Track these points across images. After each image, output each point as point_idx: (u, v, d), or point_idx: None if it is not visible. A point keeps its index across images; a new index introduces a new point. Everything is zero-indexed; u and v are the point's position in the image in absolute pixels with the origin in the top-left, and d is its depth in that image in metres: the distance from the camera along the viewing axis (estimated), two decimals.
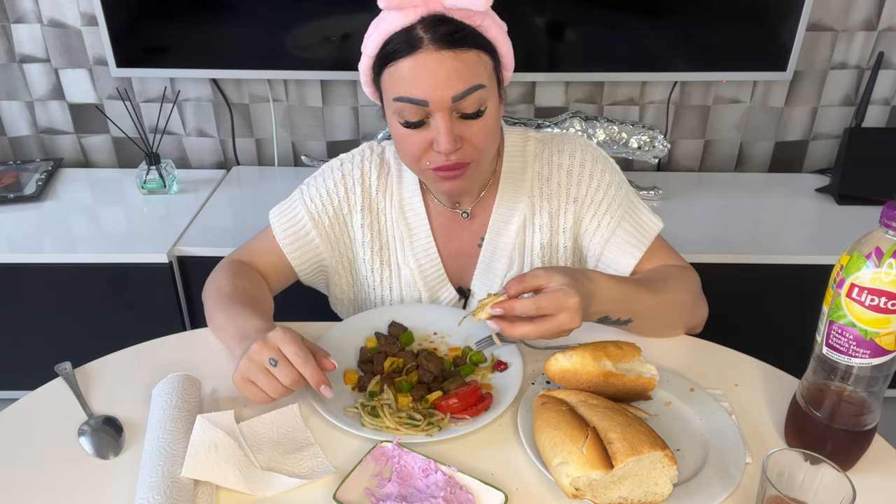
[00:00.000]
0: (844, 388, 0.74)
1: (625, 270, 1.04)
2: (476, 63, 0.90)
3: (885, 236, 0.68)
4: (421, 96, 0.88)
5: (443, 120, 0.89)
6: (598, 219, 1.05)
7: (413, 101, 0.89)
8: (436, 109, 0.89)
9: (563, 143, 1.07)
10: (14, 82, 2.01)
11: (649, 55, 1.82)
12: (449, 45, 0.87)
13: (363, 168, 1.08)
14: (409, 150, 0.94)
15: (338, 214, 1.08)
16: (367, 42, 0.93)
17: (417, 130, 0.92)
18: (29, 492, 0.75)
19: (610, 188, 1.05)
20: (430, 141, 0.92)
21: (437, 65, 0.87)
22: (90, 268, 1.64)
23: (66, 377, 0.92)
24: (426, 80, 0.88)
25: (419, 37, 0.88)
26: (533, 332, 0.82)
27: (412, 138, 0.92)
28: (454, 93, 0.88)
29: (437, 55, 0.87)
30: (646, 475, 0.70)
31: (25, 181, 1.94)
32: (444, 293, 1.10)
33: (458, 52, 0.88)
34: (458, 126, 0.91)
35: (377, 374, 0.91)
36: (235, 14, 1.77)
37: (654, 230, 1.05)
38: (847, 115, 2.02)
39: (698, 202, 1.88)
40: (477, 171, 0.97)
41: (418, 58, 0.88)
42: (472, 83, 0.89)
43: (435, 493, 0.72)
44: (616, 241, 1.04)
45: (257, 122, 2.07)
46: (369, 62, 0.94)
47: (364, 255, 1.10)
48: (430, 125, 0.91)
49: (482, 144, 0.94)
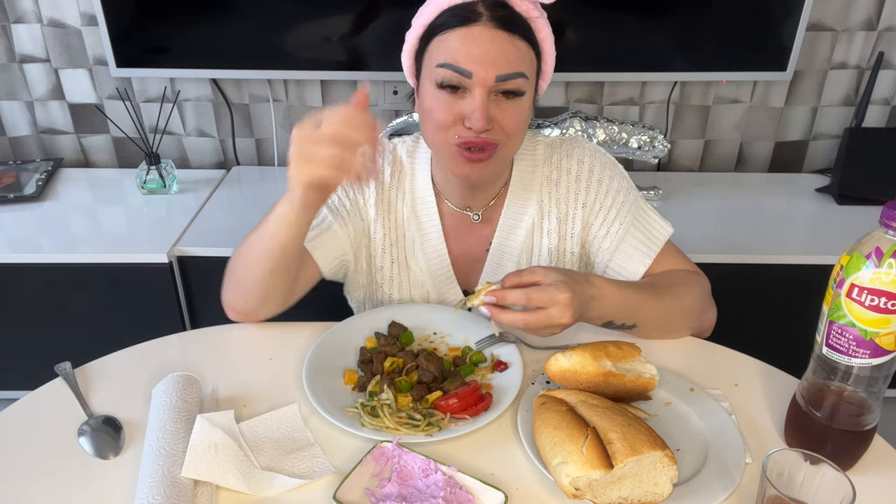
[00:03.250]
0: (844, 388, 0.74)
1: (634, 277, 1.04)
2: (525, 53, 0.92)
3: (885, 236, 0.68)
4: (468, 67, 0.89)
5: (481, 96, 0.90)
6: (606, 225, 1.05)
7: (458, 70, 0.89)
8: (477, 83, 0.89)
9: (573, 147, 1.07)
10: (14, 82, 2.01)
11: (649, 55, 1.82)
12: (505, 27, 0.89)
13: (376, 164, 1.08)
14: (439, 119, 0.93)
15: (355, 207, 1.08)
16: (422, 11, 0.94)
17: (453, 98, 0.92)
18: (29, 492, 0.75)
19: (619, 194, 1.04)
20: (462, 115, 0.92)
21: (490, 41, 0.89)
22: (90, 268, 1.64)
23: (66, 377, 0.92)
24: (476, 52, 0.89)
25: (478, 12, 0.90)
26: (520, 321, 0.83)
27: (445, 106, 0.92)
28: (500, 72, 0.89)
29: (492, 32, 0.89)
30: (646, 475, 0.70)
31: (25, 181, 1.94)
32: (451, 294, 1.10)
33: (513, 37, 0.90)
34: (493, 107, 0.91)
35: (377, 374, 0.91)
36: (235, 14, 1.77)
37: (663, 236, 1.05)
38: (847, 115, 2.02)
39: (698, 202, 1.88)
40: (501, 157, 0.96)
41: (473, 30, 0.89)
42: (518, 69, 0.90)
43: (435, 493, 0.72)
44: (625, 247, 1.04)
45: (257, 122, 2.07)
46: (419, 31, 0.95)
47: (376, 251, 1.10)
48: (467, 99, 0.91)
49: (512, 129, 0.93)
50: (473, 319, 1.02)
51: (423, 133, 0.99)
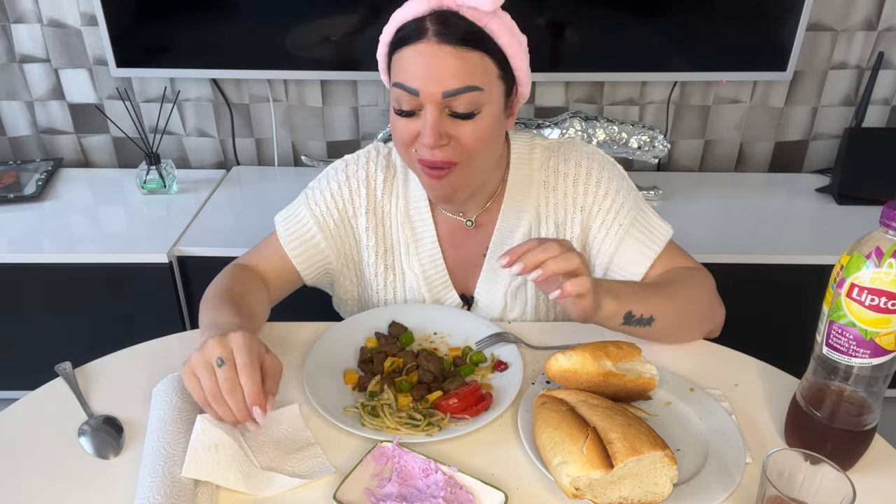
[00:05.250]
0: (844, 388, 0.74)
1: (635, 278, 1.03)
2: (477, 65, 0.89)
3: (885, 236, 0.68)
4: (414, 86, 0.89)
5: (430, 113, 0.89)
6: (605, 227, 1.03)
7: (406, 90, 0.90)
8: (426, 101, 0.89)
9: (570, 151, 1.06)
10: (14, 82, 2.01)
11: (649, 55, 1.82)
12: (451, 41, 0.87)
13: (368, 169, 1.07)
14: (399, 135, 0.94)
15: (343, 217, 1.08)
16: (383, 32, 0.94)
17: (408, 119, 0.92)
18: (29, 492, 0.75)
19: (618, 195, 1.03)
20: (419, 132, 0.92)
21: (434, 57, 0.88)
22: (90, 268, 1.64)
23: (66, 377, 0.92)
24: (421, 70, 0.88)
25: (425, 27, 0.88)
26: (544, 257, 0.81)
27: (403, 125, 0.93)
28: (445, 88, 0.88)
29: (436, 48, 0.87)
30: (646, 475, 0.70)
31: (25, 181, 1.94)
32: (448, 300, 1.09)
33: (459, 49, 0.88)
34: (447, 124, 0.91)
35: (377, 374, 0.91)
36: (235, 14, 1.77)
37: (664, 236, 1.04)
38: (847, 115, 2.02)
39: (698, 202, 1.88)
40: (463, 175, 0.95)
41: (418, 47, 0.88)
42: (467, 83, 0.88)
43: (435, 493, 0.72)
44: (625, 247, 1.03)
45: (257, 122, 2.07)
46: (384, 49, 0.95)
47: (369, 259, 1.09)
48: (421, 118, 0.91)
49: (471, 147, 0.92)
50: (473, 319, 1.02)
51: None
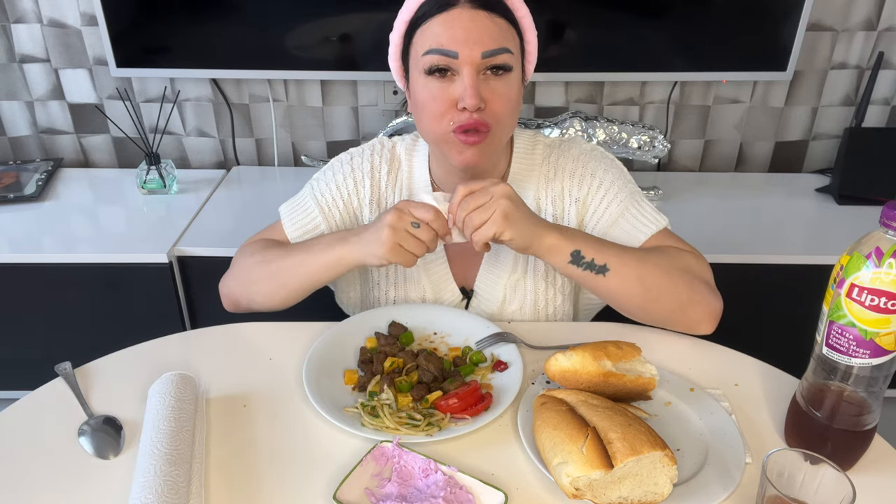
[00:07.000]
0: (844, 388, 0.74)
1: None
2: (507, 30, 0.93)
3: (885, 236, 0.68)
4: (453, 48, 0.90)
5: (469, 75, 0.91)
6: (597, 215, 1.05)
7: (444, 53, 0.91)
8: (464, 63, 0.91)
9: (571, 147, 1.08)
10: (14, 82, 2.01)
11: (649, 55, 1.82)
12: (484, 6, 0.91)
13: (373, 162, 1.09)
14: (433, 109, 0.94)
15: (347, 208, 1.09)
16: (402, 10, 0.96)
17: (443, 84, 0.93)
18: (29, 492, 0.75)
19: (613, 185, 1.05)
20: (454, 99, 0.93)
21: (471, 20, 0.91)
22: (90, 268, 1.64)
23: (66, 377, 0.92)
24: (459, 33, 0.90)
25: None
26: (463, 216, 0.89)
27: (437, 93, 0.93)
28: (485, 48, 0.90)
29: (471, 12, 0.91)
30: (646, 475, 0.70)
31: (25, 181, 1.94)
32: (448, 292, 1.10)
33: (491, 14, 0.91)
34: (483, 87, 0.92)
35: (377, 374, 0.91)
36: (235, 14, 1.77)
37: (657, 225, 1.04)
38: (847, 115, 2.02)
39: (698, 202, 1.88)
40: (493, 142, 0.97)
41: (452, 13, 0.91)
42: (502, 45, 0.92)
43: (435, 493, 0.72)
44: (615, 230, 1.04)
45: (257, 122, 2.07)
46: (402, 28, 0.96)
47: None
48: (457, 82, 0.92)
49: (502, 110, 0.94)
50: (473, 319, 1.02)
51: (420, 129, 1.00)
